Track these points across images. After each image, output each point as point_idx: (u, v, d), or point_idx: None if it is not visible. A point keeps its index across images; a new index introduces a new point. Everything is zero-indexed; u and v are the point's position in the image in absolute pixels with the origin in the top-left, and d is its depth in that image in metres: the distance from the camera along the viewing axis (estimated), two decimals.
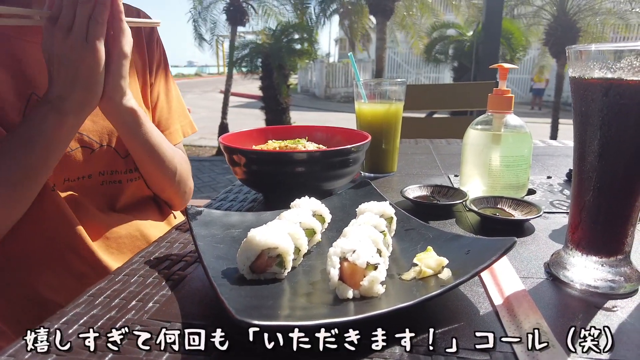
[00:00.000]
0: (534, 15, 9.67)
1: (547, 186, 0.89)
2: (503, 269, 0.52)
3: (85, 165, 0.79)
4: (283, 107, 8.05)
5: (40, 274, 0.76)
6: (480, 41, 4.82)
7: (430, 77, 17.58)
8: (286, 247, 0.47)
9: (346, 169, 0.75)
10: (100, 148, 0.81)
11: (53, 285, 0.76)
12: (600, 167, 0.46)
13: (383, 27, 9.51)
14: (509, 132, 0.78)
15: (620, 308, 0.45)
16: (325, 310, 0.41)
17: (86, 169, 0.80)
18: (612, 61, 0.42)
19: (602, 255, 0.49)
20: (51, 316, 0.44)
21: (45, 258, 0.76)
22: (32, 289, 0.75)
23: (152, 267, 0.55)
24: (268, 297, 0.44)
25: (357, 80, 0.98)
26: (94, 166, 0.81)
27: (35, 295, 0.75)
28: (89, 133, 0.79)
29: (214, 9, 9.26)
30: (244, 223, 0.61)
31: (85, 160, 0.79)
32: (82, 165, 0.79)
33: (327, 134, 0.93)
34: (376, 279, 0.43)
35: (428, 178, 0.97)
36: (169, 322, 0.43)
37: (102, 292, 0.49)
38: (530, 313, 0.43)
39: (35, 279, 0.75)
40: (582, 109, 0.47)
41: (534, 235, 0.64)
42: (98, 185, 0.83)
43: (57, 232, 0.75)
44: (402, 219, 0.61)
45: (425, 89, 2.09)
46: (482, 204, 0.73)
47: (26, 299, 0.75)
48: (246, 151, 0.75)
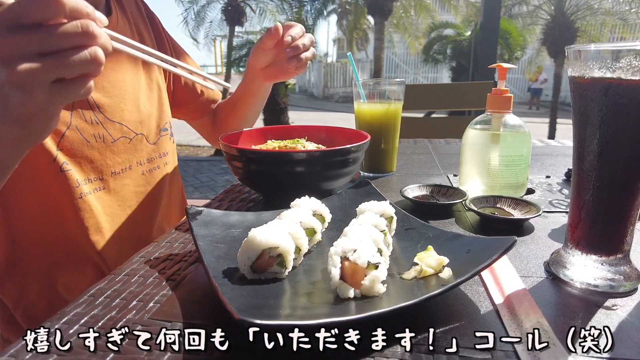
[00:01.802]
0: (531, 15, 9.70)
1: (546, 185, 0.89)
2: (503, 268, 0.52)
3: (126, 155, 0.82)
4: (281, 107, 8.04)
5: (61, 275, 0.77)
6: (478, 41, 4.83)
7: (429, 77, 17.59)
8: (287, 247, 0.47)
9: (346, 169, 0.75)
10: (135, 137, 0.84)
11: (70, 287, 0.76)
12: (599, 167, 0.47)
13: (381, 27, 9.52)
14: (508, 131, 0.78)
15: (620, 307, 0.45)
16: (327, 310, 0.42)
17: (127, 159, 0.82)
18: (611, 61, 0.43)
19: (601, 254, 0.49)
20: (52, 316, 0.44)
21: (69, 260, 0.77)
22: (51, 288, 0.76)
23: (153, 267, 0.55)
24: (269, 297, 0.44)
25: (356, 80, 0.98)
26: (132, 156, 0.83)
27: (52, 294, 0.76)
28: (127, 123, 0.82)
29: (210, 9, 9.26)
30: (244, 223, 0.61)
31: (125, 151, 0.82)
32: (124, 156, 0.82)
33: (326, 133, 0.93)
34: (377, 278, 0.43)
35: (427, 178, 0.97)
36: (170, 322, 0.43)
37: (103, 292, 0.49)
38: (530, 312, 0.43)
39: (55, 279, 0.76)
40: (582, 108, 0.47)
41: (534, 234, 0.64)
42: (139, 176, 0.85)
43: (83, 237, 0.76)
44: (402, 218, 0.61)
45: (424, 89, 2.09)
46: (481, 203, 0.73)
47: (45, 299, 0.76)
48: (246, 151, 0.75)
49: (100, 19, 0.47)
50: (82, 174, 0.75)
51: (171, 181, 0.96)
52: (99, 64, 0.46)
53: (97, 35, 0.45)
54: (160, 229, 0.91)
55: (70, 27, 0.43)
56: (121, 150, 0.81)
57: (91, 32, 0.44)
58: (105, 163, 0.79)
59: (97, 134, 0.77)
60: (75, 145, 0.74)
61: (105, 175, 0.79)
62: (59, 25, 0.43)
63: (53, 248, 0.75)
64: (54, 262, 0.76)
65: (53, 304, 0.75)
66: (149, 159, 0.88)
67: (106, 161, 0.79)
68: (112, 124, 0.79)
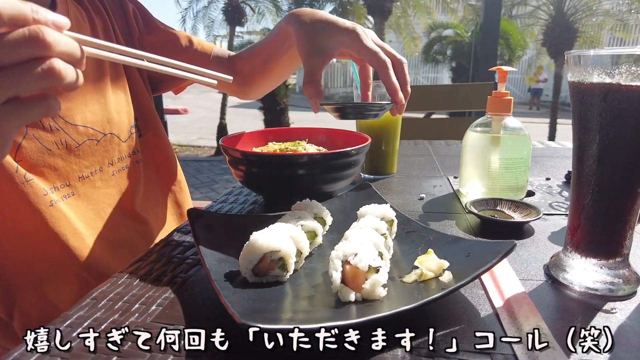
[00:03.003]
0: (530, 16, 9.71)
1: (546, 188, 0.89)
2: (503, 271, 0.52)
3: (94, 158, 0.78)
4: (282, 107, 8.06)
5: (48, 285, 0.73)
6: (478, 42, 4.84)
7: (429, 77, 17.61)
8: (288, 251, 0.48)
9: (347, 171, 0.76)
10: (104, 137, 0.79)
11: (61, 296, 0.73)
12: (599, 171, 0.47)
13: (381, 28, 9.52)
14: (508, 134, 0.79)
15: (619, 310, 0.45)
16: (328, 313, 0.42)
17: (96, 161, 0.78)
18: (611, 66, 0.43)
19: (601, 258, 0.49)
20: (54, 319, 0.44)
21: (54, 270, 0.73)
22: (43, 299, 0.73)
23: (154, 270, 0.55)
24: (271, 300, 0.44)
25: (357, 81, 0.98)
26: (102, 157, 0.79)
27: (46, 305, 0.73)
28: (92, 124, 0.77)
29: (212, 9, 9.27)
30: (245, 225, 0.61)
31: (92, 153, 0.77)
32: (92, 159, 0.77)
33: (327, 136, 0.94)
34: (378, 282, 0.43)
35: (428, 180, 0.97)
36: (173, 324, 0.43)
37: (105, 295, 0.49)
38: (530, 315, 0.43)
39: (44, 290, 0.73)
40: (581, 113, 0.47)
41: (534, 237, 0.65)
42: (110, 177, 0.81)
43: (61, 246, 0.72)
44: (403, 221, 0.62)
45: (424, 90, 2.09)
46: (481, 205, 0.73)
47: (38, 310, 0.73)
48: (247, 153, 0.76)
49: (56, 21, 0.38)
50: (47, 182, 0.70)
51: (149, 179, 0.90)
52: (59, 77, 0.38)
53: (52, 43, 0.37)
54: (146, 230, 0.87)
55: (14, 37, 0.36)
56: (88, 154, 0.76)
57: (41, 39, 0.36)
58: (71, 169, 0.74)
59: (58, 140, 0.72)
60: (35, 155, 0.69)
61: (73, 181, 0.74)
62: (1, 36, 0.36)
63: (35, 260, 0.72)
64: (38, 274, 0.73)
65: (48, 315, 0.72)
66: (120, 157, 0.83)
67: (72, 167, 0.74)
68: (74, 128, 0.74)
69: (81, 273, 0.74)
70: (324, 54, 0.70)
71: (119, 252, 0.80)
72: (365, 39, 0.69)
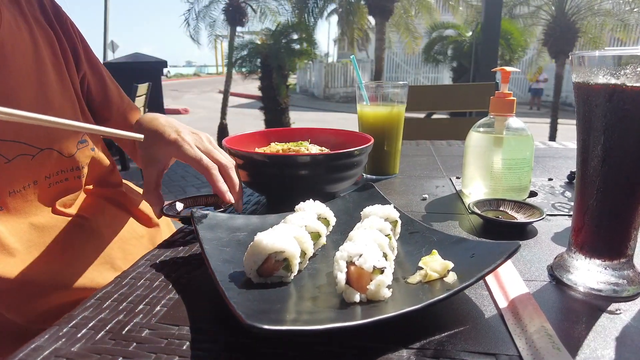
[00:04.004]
0: (532, 16, 9.70)
1: (549, 188, 0.89)
2: (507, 272, 0.52)
3: (28, 172, 0.73)
4: (282, 108, 8.06)
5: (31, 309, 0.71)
6: (479, 42, 4.83)
7: (430, 77, 17.60)
8: (293, 251, 0.48)
9: (349, 172, 0.76)
10: (41, 152, 0.74)
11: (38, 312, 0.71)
12: (603, 172, 0.47)
13: (382, 28, 9.53)
14: (511, 134, 0.79)
15: (624, 311, 0.45)
16: (333, 314, 0.42)
17: (29, 176, 0.73)
18: (616, 67, 0.43)
19: (605, 259, 0.49)
20: (59, 320, 0.44)
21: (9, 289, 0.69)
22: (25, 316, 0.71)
23: (159, 271, 0.55)
24: (275, 301, 0.44)
25: (359, 82, 0.98)
26: (38, 172, 0.74)
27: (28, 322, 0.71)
28: (27, 140, 0.72)
29: (213, 9, 9.27)
30: (249, 226, 0.61)
31: (26, 168, 0.72)
32: (25, 173, 0.72)
33: (329, 136, 0.94)
34: (383, 282, 0.43)
35: (430, 180, 0.97)
36: (178, 325, 0.43)
37: (110, 296, 0.49)
38: (534, 316, 0.43)
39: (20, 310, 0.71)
40: (586, 113, 0.47)
41: (537, 237, 0.65)
42: (46, 189, 0.76)
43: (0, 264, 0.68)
44: (406, 222, 0.62)
45: (425, 90, 2.09)
46: (484, 206, 0.73)
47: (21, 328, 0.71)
48: (249, 154, 0.76)
49: None
50: None
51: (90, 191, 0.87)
52: None
53: None
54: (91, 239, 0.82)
55: None
56: (21, 169, 0.71)
57: None
58: None
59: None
60: None
61: (2, 197, 0.70)
62: None
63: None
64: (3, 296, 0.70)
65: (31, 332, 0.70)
66: (59, 171, 0.78)
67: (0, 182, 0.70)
68: (3, 144, 0.69)
69: (28, 288, 0.71)
70: (160, 163, 0.74)
71: (62, 262, 0.76)
72: (188, 148, 0.72)
